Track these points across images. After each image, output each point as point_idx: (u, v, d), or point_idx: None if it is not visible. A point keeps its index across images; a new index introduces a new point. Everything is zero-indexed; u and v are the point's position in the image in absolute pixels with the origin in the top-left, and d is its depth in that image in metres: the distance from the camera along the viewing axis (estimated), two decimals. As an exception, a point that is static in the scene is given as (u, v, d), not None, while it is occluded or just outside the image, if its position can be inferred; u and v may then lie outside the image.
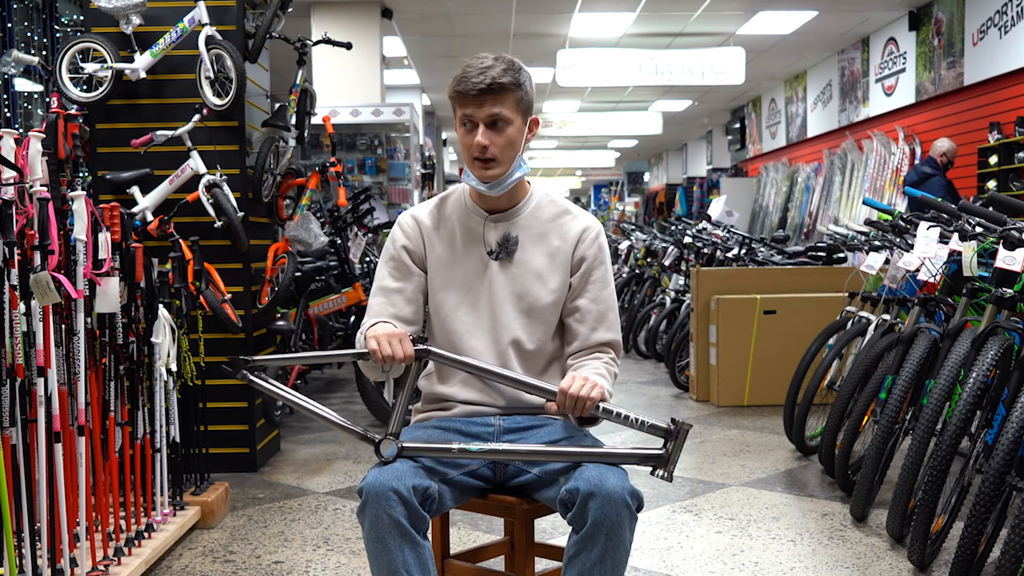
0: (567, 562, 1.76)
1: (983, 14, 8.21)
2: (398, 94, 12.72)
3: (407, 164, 8.95)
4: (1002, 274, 2.90)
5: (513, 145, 1.93)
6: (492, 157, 1.91)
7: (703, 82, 10.49)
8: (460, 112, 1.91)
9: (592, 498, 1.70)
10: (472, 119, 1.89)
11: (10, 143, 2.37)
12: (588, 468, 1.76)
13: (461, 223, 2.04)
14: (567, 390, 1.76)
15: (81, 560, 2.52)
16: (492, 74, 1.86)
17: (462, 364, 1.90)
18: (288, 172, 4.43)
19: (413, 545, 1.74)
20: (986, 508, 2.40)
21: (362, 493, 1.77)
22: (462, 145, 1.95)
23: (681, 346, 6.13)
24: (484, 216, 2.03)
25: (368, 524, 1.76)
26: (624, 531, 1.72)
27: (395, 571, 1.74)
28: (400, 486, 1.73)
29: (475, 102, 1.87)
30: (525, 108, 1.94)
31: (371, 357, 1.82)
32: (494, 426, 1.98)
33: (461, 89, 1.88)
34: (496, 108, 1.88)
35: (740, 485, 3.89)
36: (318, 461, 4.38)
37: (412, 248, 2.04)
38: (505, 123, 1.90)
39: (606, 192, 28.83)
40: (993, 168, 7.83)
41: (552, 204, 2.06)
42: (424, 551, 1.76)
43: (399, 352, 1.81)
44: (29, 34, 6.56)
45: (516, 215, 2.03)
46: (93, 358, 2.70)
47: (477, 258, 2.01)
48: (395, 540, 1.73)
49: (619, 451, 1.80)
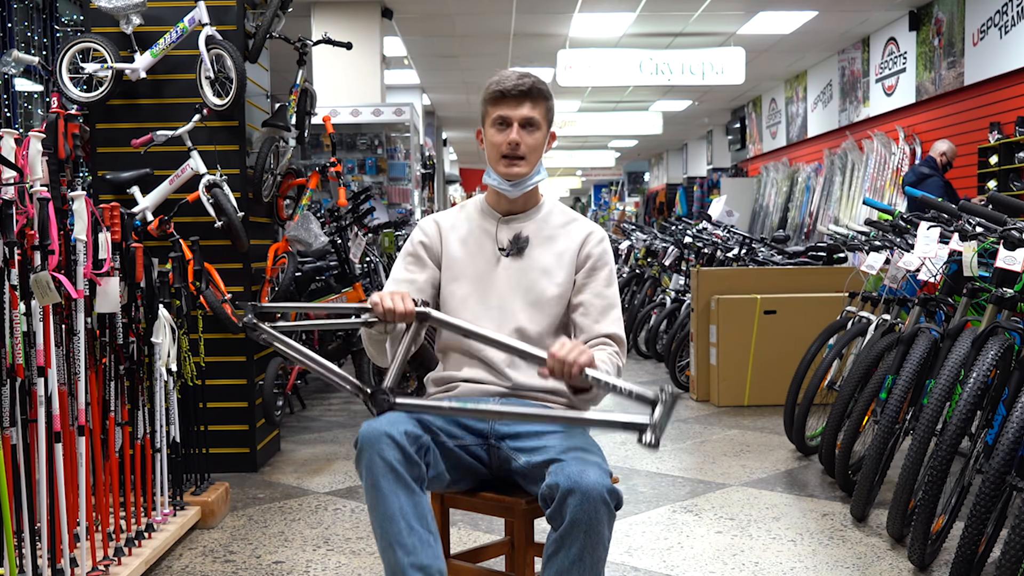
0: (546, 561, 1.77)
1: (983, 14, 8.21)
2: (398, 94, 12.73)
3: (407, 164, 8.95)
4: (1002, 274, 2.90)
5: (538, 149, 2.09)
6: (522, 155, 2.07)
7: (703, 82, 10.49)
8: (495, 113, 2.07)
9: (571, 494, 1.71)
10: (508, 119, 2.06)
11: (10, 143, 2.37)
12: (569, 464, 1.77)
13: (476, 224, 2.18)
14: (556, 353, 1.77)
15: (81, 560, 2.52)
16: (532, 80, 2.06)
17: (459, 328, 1.93)
18: (288, 172, 4.43)
19: (409, 492, 1.78)
20: (986, 508, 2.40)
21: (357, 444, 1.82)
22: (491, 144, 2.09)
23: (681, 346, 6.13)
24: (498, 217, 2.17)
25: (364, 471, 1.80)
26: (602, 528, 1.73)
27: (391, 517, 1.76)
28: (393, 431, 1.79)
29: (514, 102, 2.05)
30: (550, 120, 2.12)
31: (373, 310, 1.85)
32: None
33: (502, 89, 2.04)
34: (531, 112, 2.06)
35: (740, 485, 3.89)
36: (318, 461, 4.38)
37: (429, 244, 2.16)
38: (535, 127, 2.07)
39: (606, 192, 28.83)
40: (993, 168, 7.83)
41: (562, 213, 2.19)
42: (421, 500, 1.79)
43: (399, 306, 1.84)
44: (29, 34, 6.56)
45: (528, 218, 2.16)
46: (93, 358, 2.70)
47: (489, 254, 2.13)
48: (389, 483, 1.77)
49: (607, 418, 1.78)
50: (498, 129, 2.07)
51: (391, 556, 1.76)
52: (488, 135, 2.10)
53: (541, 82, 2.06)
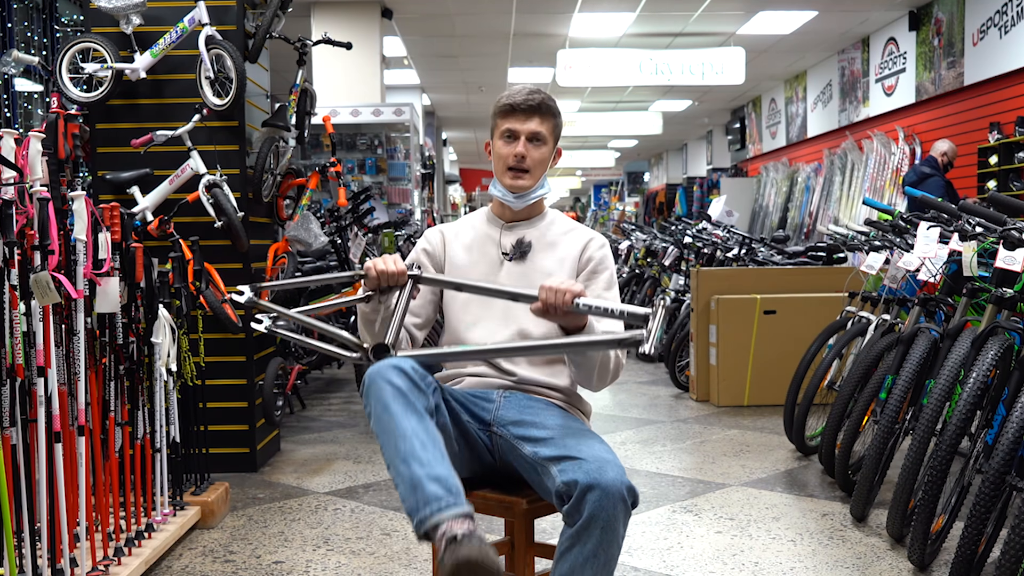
0: (559, 556, 1.77)
1: (983, 14, 8.21)
2: (398, 94, 12.73)
3: (407, 164, 8.96)
4: (1002, 274, 2.90)
5: (544, 163, 2.15)
6: (527, 168, 2.12)
7: (703, 82, 10.49)
8: (504, 126, 2.13)
9: (591, 491, 1.71)
10: (516, 132, 2.12)
11: (10, 143, 2.37)
12: (587, 461, 1.77)
13: (480, 231, 2.24)
14: (547, 285, 1.84)
15: (81, 560, 2.52)
16: (541, 96, 2.12)
17: (451, 284, 2.02)
18: (288, 172, 4.43)
19: (420, 417, 1.75)
20: (986, 508, 2.40)
21: (363, 384, 1.82)
22: (498, 156, 2.15)
23: (681, 346, 6.14)
24: (501, 224, 2.23)
25: (373, 401, 1.78)
26: (619, 526, 1.74)
27: (404, 435, 1.72)
28: (401, 364, 1.81)
29: (523, 116, 2.11)
30: (557, 136, 2.18)
31: (367, 275, 1.94)
32: (495, 401, 2.06)
33: (512, 103, 2.11)
34: (539, 127, 2.12)
35: (740, 485, 3.89)
36: (318, 461, 4.38)
37: (432, 251, 2.23)
38: (542, 142, 2.13)
39: (606, 192, 28.81)
40: (993, 168, 7.83)
41: (564, 223, 2.25)
42: (432, 427, 1.76)
43: (391, 267, 1.94)
44: (29, 34, 6.56)
45: (531, 225, 2.22)
46: (93, 358, 2.70)
47: (493, 258, 2.19)
48: (400, 407, 1.75)
49: (608, 338, 1.84)
50: (505, 141, 2.13)
51: (407, 470, 1.68)
52: (496, 147, 2.16)
53: (551, 99, 2.13)
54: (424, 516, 1.62)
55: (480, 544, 1.53)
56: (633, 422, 5.20)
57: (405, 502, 1.67)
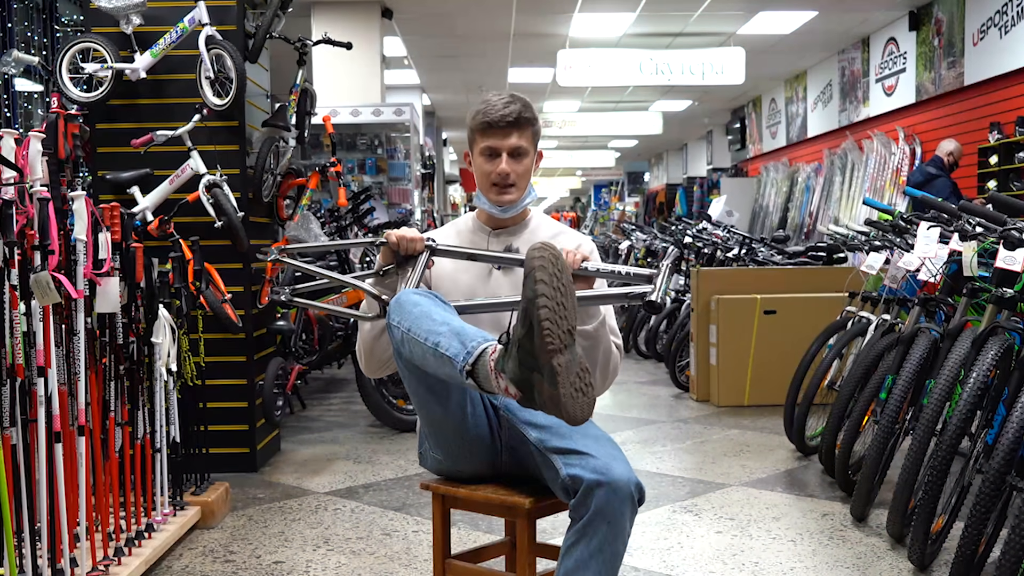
0: (564, 551, 1.76)
1: (983, 14, 8.21)
2: (398, 94, 12.72)
3: (407, 164, 8.95)
4: (1002, 274, 2.90)
5: (528, 173, 2.16)
6: (513, 184, 2.12)
7: (703, 82, 10.48)
8: (483, 143, 2.11)
9: (599, 487, 1.72)
10: (496, 149, 2.10)
11: (10, 143, 2.36)
12: (594, 457, 1.76)
13: (467, 240, 2.23)
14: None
15: (81, 560, 2.52)
16: (516, 108, 2.09)
17: (463, 254, 2.10)
18: (288, 172, 4.43)
19: (445, 307, 1.87)
20: (986, 508, 2.40)
21: (387, 315, 1.89)
22: (481, 173, 2.14)
23: (681, 346, 6.13)
24: (488, 232, 2.22)
25: (398, 313, 1.85)
26: (625, 522, 1.74)
27: (431, 315, 1.81)
28: (420, 290, 1.93)
29: (501, 133, 2.09)
30: (537, 141, 2.18)
31: (387, 242, 2.03)
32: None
33: (489, 120, 2.08)
34: (519, 140, 2.10)
35: (740, 485, 3.89)
36: (318, 461, 4.38)
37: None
38: (523, 154, 2.12)
39: (606, 192, 28.79)
40: (993, 168, 7.82)
41: (551, 226, 2.25)
42: (457, 315, 1.85)
43: (411, 234, 2.04)
44: (29, 34, 6.56)
45: (518, 231, 2.22)
46: (93, 358, 2.70)
47: (481, 266, 2.17)
48: (428, 302, 1.86)
49: (618, 291, 1.92)
50: (486, 159, 2.12)
51: (447, 329, 1.77)
52: (477, 163, 2.15)
53: (527, 108, 2.10)
54: (473, 347, 1.71)
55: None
56: (633, 422, 5.20)
57: (449, 349, 1.73)
